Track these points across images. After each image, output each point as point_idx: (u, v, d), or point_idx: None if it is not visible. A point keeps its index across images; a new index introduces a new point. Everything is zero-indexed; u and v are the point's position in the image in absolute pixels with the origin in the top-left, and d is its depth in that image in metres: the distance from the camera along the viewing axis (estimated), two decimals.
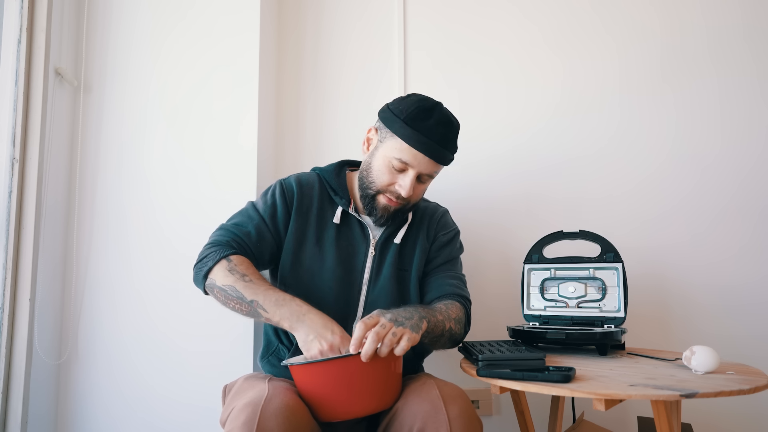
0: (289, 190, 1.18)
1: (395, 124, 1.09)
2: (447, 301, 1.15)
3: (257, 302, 1.01)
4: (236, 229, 1.13)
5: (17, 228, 1.27)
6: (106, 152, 1.44)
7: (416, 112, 1.08)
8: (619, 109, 1.66)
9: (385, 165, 1.11)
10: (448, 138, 1.11)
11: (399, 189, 1.11)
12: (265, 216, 1.15)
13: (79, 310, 1.39)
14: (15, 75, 1.28)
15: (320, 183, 1.21)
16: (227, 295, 1.04)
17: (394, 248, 1.18)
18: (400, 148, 1.08)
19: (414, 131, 1.07)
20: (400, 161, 1.09)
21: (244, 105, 1.46)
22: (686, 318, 1.57)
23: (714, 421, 1.51)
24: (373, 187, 1.13)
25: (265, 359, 1.18)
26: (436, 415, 0.90)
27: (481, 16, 1.71)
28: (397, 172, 1.10)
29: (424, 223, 1.25)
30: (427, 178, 1.14)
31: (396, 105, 1.12)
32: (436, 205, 1.33)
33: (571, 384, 0.89)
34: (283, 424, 0.84)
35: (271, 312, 1.00)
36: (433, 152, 1.08)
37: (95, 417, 1.36)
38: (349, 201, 1.19)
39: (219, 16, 1.49)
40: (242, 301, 1.02)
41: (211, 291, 1.07)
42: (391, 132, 1.09)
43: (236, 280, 1.03)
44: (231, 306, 1.05)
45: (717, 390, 0.84)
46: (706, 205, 1.61)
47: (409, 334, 0.92)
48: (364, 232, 1.18)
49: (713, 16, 1.68)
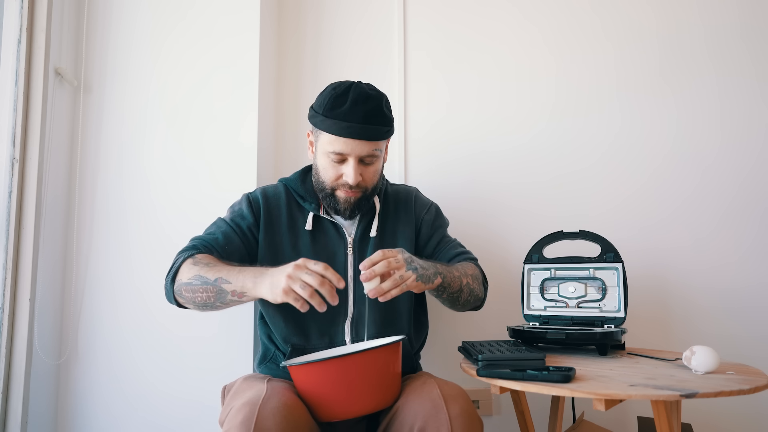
0: (255, 202, 1.18)
1: (317, 119, 1.09)
2: (461, 263, 1.20)
3: (221, 278, 1.00)
4: (204, 235, 1.15)
5: (17, 228, 1.27)
6: (106, 152, 1.44)
7: (331, 101, 1.08)
8: (619, 109, 1.67)
9: (325, 161, 1.11)
10: (371, 113, 1.08)
11: (347, 179, 1.10)
12: (231, 223, 1.16)
13: (79, 310, 1.39)
14: (15, 75, 1.28)
15: (287, 192, 1.21)
16: (193, 288, 1.02)
17: (373, 242, 1.18)
18: (329, 141, 1.08)
19: (333, 120, 1.07)
20: (334, 153, 1.09)
21: (244, 105, 1.46)
22: (686, 319, 1.57)
23: (714, 421, 1.51)
24: (326, 185, 1.13)
25: (263, 365, 1.18)
26: (437, 415, 0.90)
27: (481, 16, 1.71)
28: (338, 164, 1.10)
29: (400, 209, 1.25)
30: (372, 159, 1.11)
31: (316, 101, 1.12)
32: (404, 187, 1.32)
33: (571, 384, 0.89)
34: (281, 423, 0.84)
35: (234, 280, 0.99)
36: (359, 133, 1.07)
37: (95, 416, 1.36)
38: (318, 205, 1.19)
39: (219, 16, 1.49)
40: (207, 284, 1.00)
41: (179, 294, 1.06)
42: (319, 129, 1.10)
43: (200, 269, 1.03)
44: (199, 299, 1.02)
45: (717, 390, 0.84)
46: (707, 207, 1.61)
47: (412, 281, 0.98)
48: (339, 232, 1.18)
49: (711, 16, 1.68)
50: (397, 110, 1.64)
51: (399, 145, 1.64)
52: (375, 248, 1.17)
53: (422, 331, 1.27)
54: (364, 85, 1.11)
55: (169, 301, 1.10)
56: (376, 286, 0.97)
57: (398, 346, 0.98)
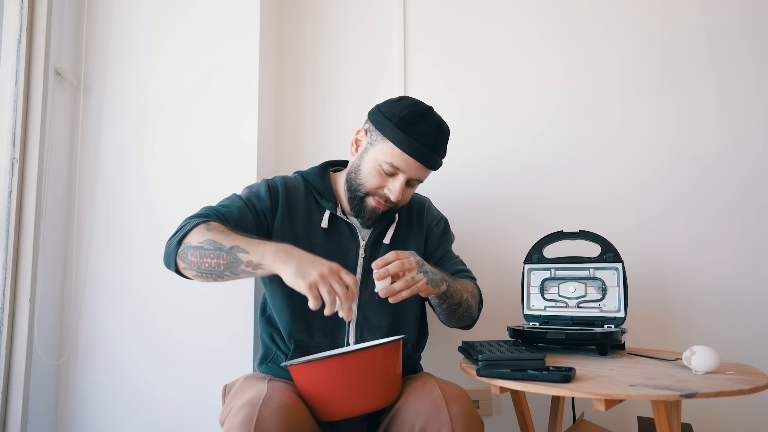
0: (274, 189, 1.16)
1: (387, 127, 1.07)
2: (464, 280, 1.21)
3: (237, 246, 0.95)
4: (218, 207, 1.11)
5: (17, 228, 1.26)
6: (106, 152, 1.44)
7: (409, 117, 1.06)
8: (620, 109, 1.66)
9: (374, 168, 1.09)
10: (440, 143, 1.09)
11: (388, 193, 1.10)
12: (247, 201, 1.13)
13: (79, 310, 1.39)
14: (15, 75, 1.28)
15: (305, 186, 1.19)
16: (203, 252, 0.96)
17: (385, 248, 1.18)
18: (391, 153, 1.07)
19: (406, 136, 1.05)
20: (391, 165, 1.07)
21: (244, 105, 1.46)
22: (686, 318, 1.57)
23: (714, 421, 1.51)
24: (362, 189, 1.12)
25: (264, 365, 1.18)
26: (437, 415, 0.90)
27: (481, 16, 1.71)
28: (387, 175, 1.09)
29: (413, 217, 1.25)
30: (416, 183, 1.13)
31: (388, 108, 1.10)
32: (419, 197, 1.32)
33: (571, 384, 0.89)
34: (282, 423, 0.84)
35: (252, 251, 0.94)
36: (425, 158, 1.07)
37: (95, 416, 1.36)
38: (335, 204, 1.17)
39: (219, 16, 1.49)
40: (220, 251, 0.95)
41: (183, 257, 0.99)
42: (383, 135, 1.08)
43: (214, 234, 0.97)
44: (206, 265, 0.96)
45: (717, 390, 0.84)
46: (706, 205, 1.61)
47: (423, 284, 0.99)
48: (353, 233, 1.17)
49: (712, 16, 1.68)
50: None
51: None
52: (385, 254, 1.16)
53: (424, 338, 1.28)
54: (437, 114, 1.12)
55: (167, 265, 1.03)
56: (388, 285, 0.97)
57: (398, 344, 0.98)
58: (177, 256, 1.01)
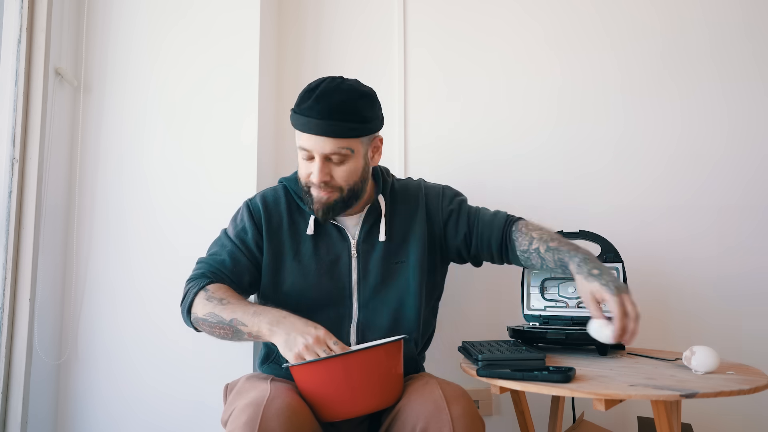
0: (256, 211, 1.16)
1: (291, 118, 1.08)
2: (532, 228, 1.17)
3: (236, 319, 1.00)
4: (211, 259, 1.13)
5: (17, 228, 1.26)
6: (106, 152, 1.44)
7: (300, 97, 1.06)
8: (623, 110, 1.66)
9: (299, 157, 1.10)
10: (336, 109, 1.02)
11: (312, 177, 1.08)
12: (236, 241, 1.14)
13: (79, 310, 1.39)
14: (15, 75, 1.28)
15: (287, 194, 1.18)
16: (210, 324, 1.03)
17: (381, 244, 1.15)
18: (298, 138, 1.08)
19: (299, 116, 1.05)
20: (301, 149, 1.08)
21: (244, 105, 1.45)
22: (686, 319, 1.57)
23: (714, 421, 1.51)
24: (302, 183, 1.12)
25: (265, 365, 1.17)
26: (439, 415, 0.90)
27: (482, 14, 1.70)
28: (308, 161, 1.08)
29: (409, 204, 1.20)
30: (341, 158, 1.06)
31: None
32: (414, 183, 1.26)
33: (571, 384, 0.89)
34: (285, 424, 0.84)
35: (250, 323, 0.98)
36: (316, 129, 1.03)
37: (95, 417, 1.36)
38: None
39: (219, 14, 1.48)
40: (222, 323, 1.01)
41: (197, 325, 1.07)
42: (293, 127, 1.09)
43: (214, 306, 1.03)
44: (217, 333, 1.04)
45: (717, 390, 0.84)
46: (708, 207, 1.61)
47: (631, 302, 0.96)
48: (342, 234, 1.15)
49: (715, 14, 1.68)
50: (397, 107, 1.64)
51: (399, 142, 1.63)
52: (384, 253, 1.14)
53: (428, 338, 1.26)
54: (340, 79, 1.07)
55: (188, 326, 1.11)
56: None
57: (400, 344, 0.98)
58: (193, 324, 1.08)
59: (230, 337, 1.03)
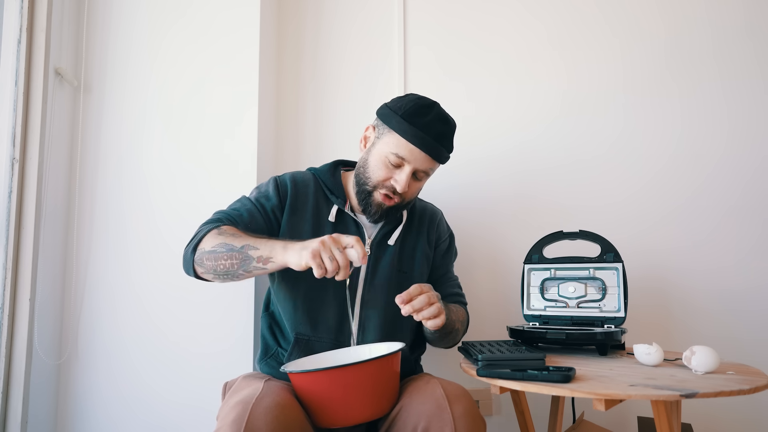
0: (282, 186, 1.18)
1: (393, 119, 1.10)
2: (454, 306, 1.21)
3: (248, 245, 0.99)
4: (229, 209, 1.15)
5: (17, 228, 1.26)
6: (106, 152, 1.44)
7: (414, 108, 1.09)
8: (623, 111, 1.66)
9: (381, 160, 1.11)
10: (445, 135, 1.11)
11: (394, 184, 1.11)
12: (256, 202, 1.16)
13: (79, 310, 1.39)
14: (15, 75, 1.28)
15: (316, 182, 1.21)
16: (217, 255, 1.01)
17: (392, 249, 1.18)
18: (396, 143, 1.09)
19: (411, 126, 1.08)
20: (397, 156, 1.09)
21: (244, 103, 1.45)
22: (686, 319, 1.57)
23: (714, 421, 1.51)
24: (369, 182, 1.13)
25: (264, 361, 1.18)
26: (440, 414, 0.90)
27: (482, 11, 1.71)
28: (393, 167, 1.11)
29: (424, 225, 1.26)
30: (423, 176, 1.14)
31: (394, 103, 1.13)
32: (432, 206, 1.33)
33: (571, 384, 0.89)
34: (272, 423, 0.84)
35: (262, 247, 0.98)
36: (430, 148, 1.09)
37: (95, 417, 1.36)
38: (344, 200, 1.19)
39: (218, 12, 1.48)
40: (233, 250, 1.00)
41: (200, 263, 1.04)
42: (389, 128, 1.10)
43: (225, 237, 1.02)
44: (221, 266, 1.01)
45: (717, 390, 0.84)
46: (709, 208, 1.61)
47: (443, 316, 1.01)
48: (360, 231, 1.18)
49: (717, 15, 1.68)
50: None
51: None
52: (393, 256, 1.17)
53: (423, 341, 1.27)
54: (443, 108, 1.14)
55: (187, 272, 1.08)
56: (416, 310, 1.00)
57: (397, 356, 0.96)
58: (194, 263, 1.05)
59: (235, 269, 1.00)
